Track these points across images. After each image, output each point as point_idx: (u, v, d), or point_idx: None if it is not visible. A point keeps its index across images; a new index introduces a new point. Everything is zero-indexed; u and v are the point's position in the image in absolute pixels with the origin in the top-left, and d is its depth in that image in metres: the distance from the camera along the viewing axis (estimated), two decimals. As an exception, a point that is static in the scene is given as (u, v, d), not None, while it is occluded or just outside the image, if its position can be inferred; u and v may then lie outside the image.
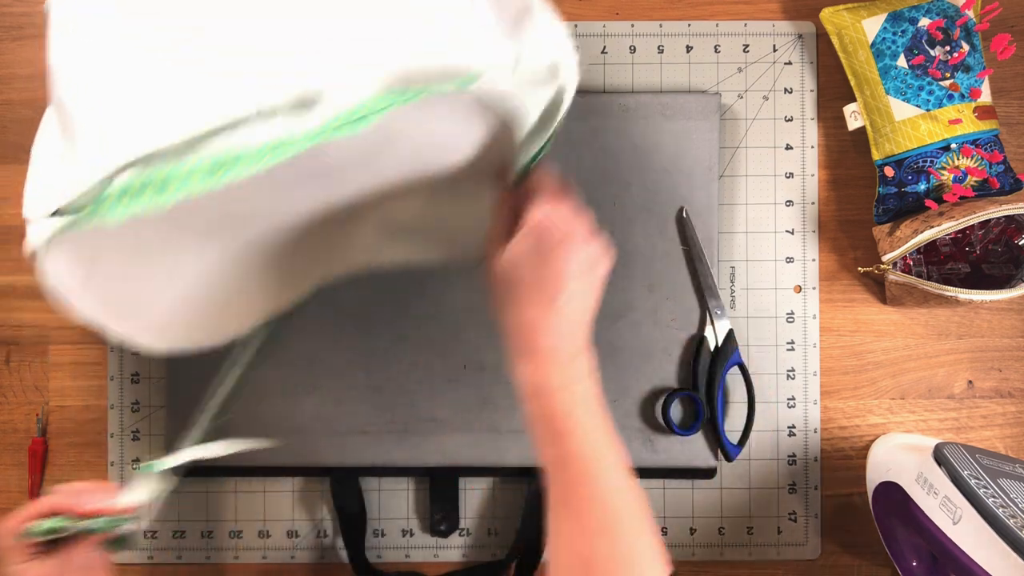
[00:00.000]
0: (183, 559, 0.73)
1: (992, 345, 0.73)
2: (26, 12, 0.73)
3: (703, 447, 0.71)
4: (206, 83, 0.40)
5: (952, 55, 0.67)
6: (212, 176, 0.41)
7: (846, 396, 0.73)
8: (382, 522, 0.73)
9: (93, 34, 0.42)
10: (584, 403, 0.48)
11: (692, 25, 0.73)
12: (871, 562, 0.73)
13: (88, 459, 0.73)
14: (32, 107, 0.73)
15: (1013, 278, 0.68)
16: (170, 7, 0.41)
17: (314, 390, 0.69)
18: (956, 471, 0.58)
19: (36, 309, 0.73)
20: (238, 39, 0.41)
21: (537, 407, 0.49)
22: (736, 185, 0.73)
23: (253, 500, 0.73)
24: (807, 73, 0.74)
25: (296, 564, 0.73)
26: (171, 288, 0.56)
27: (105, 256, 0.48)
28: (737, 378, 0.72)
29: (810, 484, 0.73)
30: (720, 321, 0.70)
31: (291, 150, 0.40)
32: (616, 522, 0.46)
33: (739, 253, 0.73)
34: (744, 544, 0.73)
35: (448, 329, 0.70)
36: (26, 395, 0.73)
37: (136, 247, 0.51)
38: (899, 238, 0.67)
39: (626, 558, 0.46)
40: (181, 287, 0.57)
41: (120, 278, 0.51)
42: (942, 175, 0.68)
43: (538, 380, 0.49)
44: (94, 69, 0.42)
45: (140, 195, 0.40)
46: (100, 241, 0.47)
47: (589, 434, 0.48)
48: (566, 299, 0.48)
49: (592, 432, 0.48)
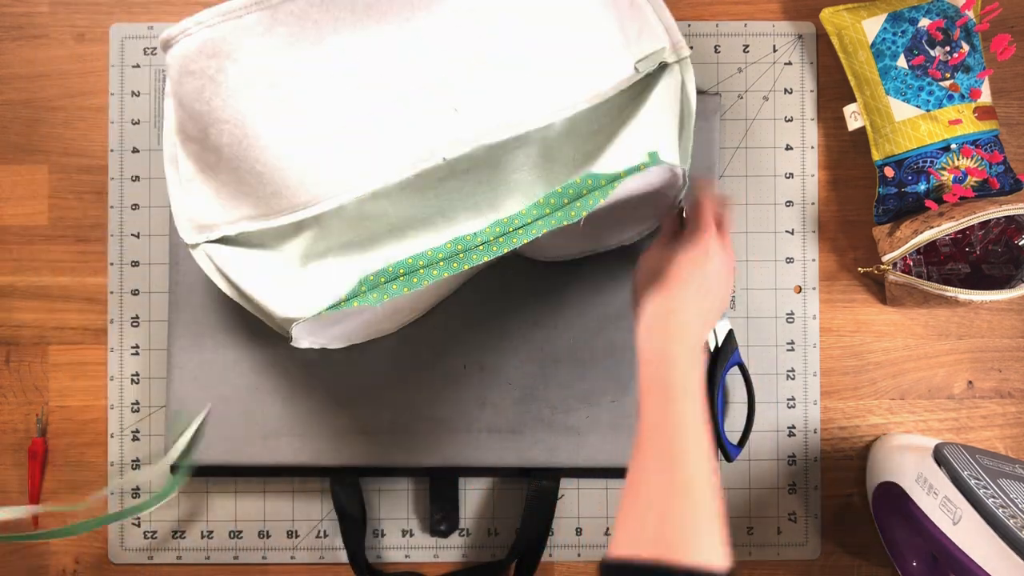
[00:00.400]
0: (183, 559, 0.73)
1: (992, 345, 0.73)
2: (26, 12, 0.73)
3: (703, 447, 0.71)
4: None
5: (952, 55, 0.67)
6: (451, 263, 0.54)
7: (846, 396, 0.73)
8: (382, 522, 0.73)
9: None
10: (694, 384, 0.53)
11: (692, 25, 0.73)
12: (871, 562, 0.73)
13: (88, 459, 0.73)
14: (32, 107, 0.73)
15: (1013, 278, 0.68)
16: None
17: (314, 391, 0.69)
18: (956, 471, 0.58)
19: (36, 309, 0.73)
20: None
21: (656, 371, 0.54)
22: (736, 185, 0.73)
23: (253, 500, 0.73)
24: (807, 73, 0.74)
25: (296, 564, 0.73)
26: (363, 318, 0.64)
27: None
28: (737, 378, 0.72)
29: (810, 484, 0.73)
30: (720, 321, 0.70)
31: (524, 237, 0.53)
32: (693, 490, 0.49)
33: (739, 253, 0.73)
34: (744, 544, 0.73)
35: (448, 329, 0.70)
36: (26, 395, 0.73)
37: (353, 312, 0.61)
38: (899, 238, 0.67)
39: (691, 528, 0.48)
40: (367, 315, 0.63)
41: (334, 323, 0.61)
42: (942, 175, 0.68)
43: (668, 348, 0.54)
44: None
45: (391, 284, 0.54)
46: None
47: (689, 411, 0.52)
48: (712, 299, 0.57)
49: (692, 413, 0.52)
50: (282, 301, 0.58)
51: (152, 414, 0.73)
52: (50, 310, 0.73)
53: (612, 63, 0.59)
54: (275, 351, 0.69)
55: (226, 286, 0.61)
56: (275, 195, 0.57)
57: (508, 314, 0.70)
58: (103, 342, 0.73)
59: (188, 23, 0.54)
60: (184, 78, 0.56)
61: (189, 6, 0.73)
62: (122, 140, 0.73)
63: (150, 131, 0.73)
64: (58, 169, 0.73)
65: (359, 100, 0.56)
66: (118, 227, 0.73)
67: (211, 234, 0.60)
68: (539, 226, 0.54)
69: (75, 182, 0.73)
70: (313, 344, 0.63)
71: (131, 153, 0.73)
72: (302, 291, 0.58)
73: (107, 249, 0.73)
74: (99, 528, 0.72)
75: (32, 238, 0.73)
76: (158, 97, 0.73)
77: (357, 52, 0.56)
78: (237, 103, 0.55)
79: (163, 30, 0.54)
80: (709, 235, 0.57)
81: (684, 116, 0.62)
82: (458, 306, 0.70)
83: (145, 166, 0.73)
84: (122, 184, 0.73)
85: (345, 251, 0.60)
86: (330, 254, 0.60)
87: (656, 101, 0.60)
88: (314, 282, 0.58)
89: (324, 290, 0.56)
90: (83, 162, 0.73)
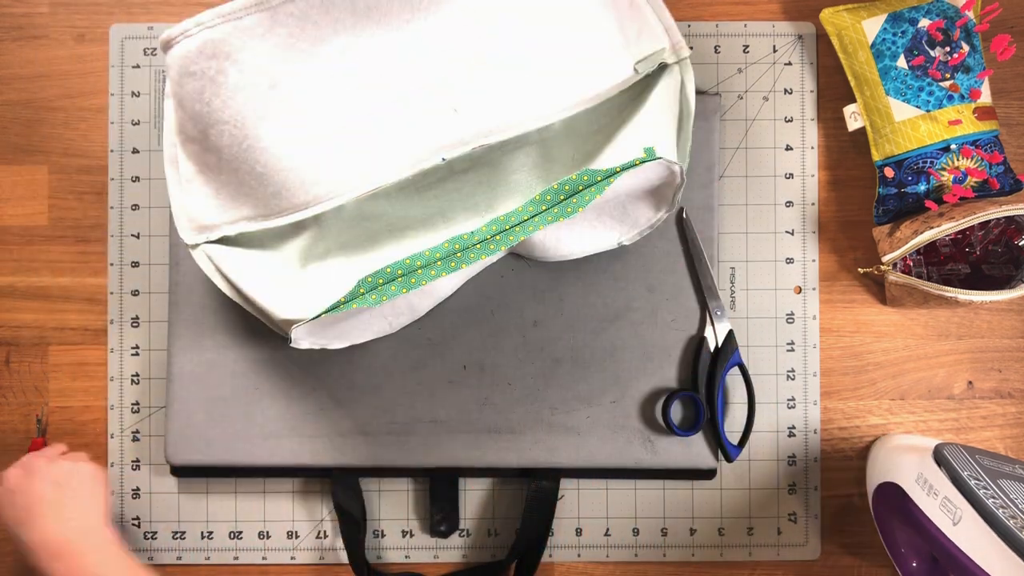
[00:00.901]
0: (183, 559, 0.73)
1: (992, 346, 0.73)
2: (26, 12, 0.73)
3: (703, 448, 0.71)
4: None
5: (952, 56, 0.67)
6: (449, 262, 0.54)
7: (846, 397, 0.73)
8: (382, 523, 0.73)
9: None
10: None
11: (692, 25, 0.73)
12: (871, 562, 0.73)
13: (88, 459, 0.73)
14: (32, 107, 0.73)
15: (1013, 278, 0.68)
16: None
17: (314, 391, 0.69)
18: (956, 472, 0.58)
19: (36, 309, 0.73)
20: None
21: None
22: (736, 186, 0.73)
23: (253, 500, 0.73)
24: (807, 74, 0.74)
25: (296, 564, 0.73)
26: (362, 318, 0.65)
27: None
28: (737, 379, 0.72)
29: (810, 485, 0.73)
30: (720, 322, 0.70)
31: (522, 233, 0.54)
32: None
33: (739, 253, 0.73)
34: (744, 544, 0.73)
35: (448, 329, 0.70)
36: (26, 396, 0.73)
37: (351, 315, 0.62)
38: (899, 239, 0.67)
39: None
40: (366, 316, 0.65)
41: (333, 324, 0.62)
42: (942, 176, 0.68)
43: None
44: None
45: (389, 285, 0.54)
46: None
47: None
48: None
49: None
50: (282, 302, 0.58)
51: (152, 414, 0.73)
52: (50, 310, 0.73)
53: (612, 64, 0.59)
54: (275, 351, 0.69)
55: (226, 286, 0.61)
56: (275, 195, 0.57)
57: (508, 314, 0.70)
58: (103, 343, 0.73)
59: (188, 24, 0.54)
60: (184, 79, 0.56)
61: (189, 6, 0.73)
62: (122, 140, 0.73)
63: (150, 131, 0.73)
64: (58, 169, 0.73)
65: (359, 100, 0.56)
66: (118, 227, 0.73)
67: (211, 235, 0.60)
68: (536, 223, 0.54)
69: (75, 182, 0.73)
70: (313, 345, 0.63)
71: (131, 153, 0.73)
72: (301, 292, 0.58)
73: (107, 249, 0.73)
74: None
75: (32, 238, 0.73)
76: (158, 98, 0.73)
77: (357, 53, 0.56)
78: (237, 104, 0.55)
79: (163, 30, 0.54)
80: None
81: (683, 116, 0.62)
82: (458, 306, 0.70)
83: (145, 166, 0.73)
84: (122, 184, 0.73)
85: (344, 252, 0.60)
86: (329, 255, 0.60)
87: (655, 101, 0.60)
88: (313, 283, 0.58)
89: (323, 291, 0.56)
90: (83, 162, 0.73)
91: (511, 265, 0.70)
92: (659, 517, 0.73)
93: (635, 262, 0.71)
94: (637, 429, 0.70)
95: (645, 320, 0.70)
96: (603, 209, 0.63)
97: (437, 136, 0.56)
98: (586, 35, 0.58)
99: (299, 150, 0.56)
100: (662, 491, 0.73)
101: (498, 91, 0.56)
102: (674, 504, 0.73)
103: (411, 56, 0.56)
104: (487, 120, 0.56)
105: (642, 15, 0.61)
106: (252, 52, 0.54)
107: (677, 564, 0.73)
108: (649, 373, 0.70)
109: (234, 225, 0.59)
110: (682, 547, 0.73)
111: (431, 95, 0.56)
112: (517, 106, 0.57)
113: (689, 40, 0.73)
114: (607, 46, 0.59)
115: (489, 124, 0.56)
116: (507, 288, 0.70)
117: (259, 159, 0.56)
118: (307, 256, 0.60)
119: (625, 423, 0.70)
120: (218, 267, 0.60)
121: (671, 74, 0.62)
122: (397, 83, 0.56)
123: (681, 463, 0.70)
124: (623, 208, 0.64)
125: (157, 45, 0.63)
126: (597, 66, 0.59)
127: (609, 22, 0.59)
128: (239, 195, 0.59)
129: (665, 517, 0.73)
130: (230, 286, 0.61)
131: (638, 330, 0.70)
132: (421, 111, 0.56)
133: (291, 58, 0.55)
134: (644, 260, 0.71)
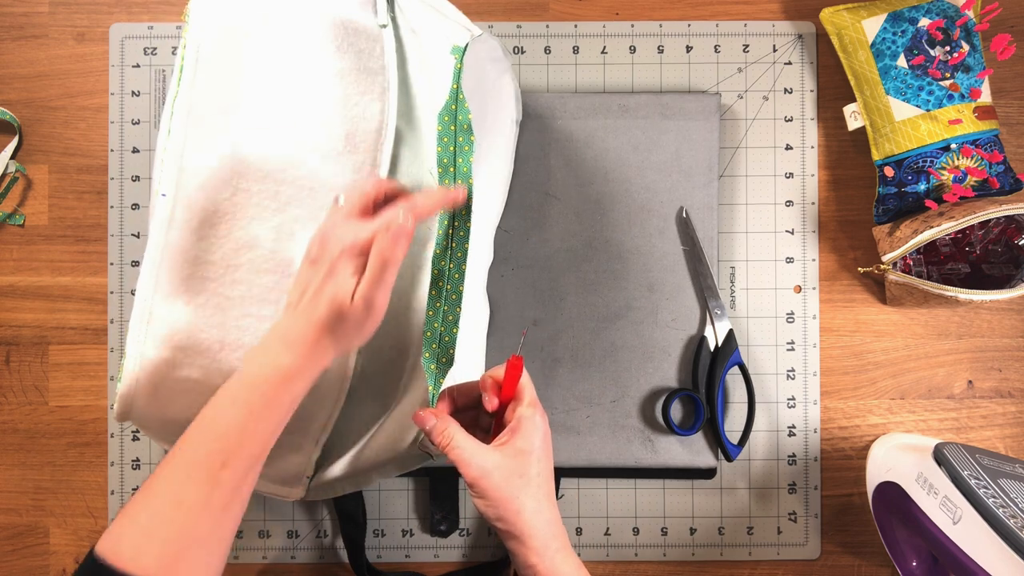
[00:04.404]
0: (183, 559, 0.73)
1: (992, 345, 0.73)
2: (26, 12, 0.73)
3: (703, 447, 0.71)
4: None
5: (952, 55, 0.67)
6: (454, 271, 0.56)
7: (846, 396, 0.73)
8: (382, 522, 0.73)
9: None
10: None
11: (692, 25, 0.73)
12: (871, 562, 0.73)
13: (88, 459, 0.73)
14: (32, 107, 0.73)
15: (1013, 278, 0.68)
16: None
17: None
18: (956, 471, 0.58)
19: (36, 309, 0.73)
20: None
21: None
22: (736, 185, 0.73)
23: (253, 500, 0.73)
24: (807, 73, 0.74)
25: (296, 564, 0.73)
26: None
27: None
28: (737, 378, 0.72)
29: (810, 484, 0.73)
30: (720, 321, 0.70)
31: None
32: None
33: (739, 253, 0.73)
34: (744, 544, 0.73)
35: (448, 329, 0.70)
36: (26, 395, 0.73)
37: None
38: (899, 238, 0.67)
39: None
40: None
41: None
42: (942, 175, 0.68)
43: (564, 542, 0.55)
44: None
45: None
46: None
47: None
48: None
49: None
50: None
51: (152, 414, 0.73)
52: (50, 310, 0.73)
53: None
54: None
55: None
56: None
57: (508, 314, 0.70)
58: (103, 342, 0.73)
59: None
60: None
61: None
62: (122, 140, 0.73)
63: (150, 131, 0.73)
64: (58, 169, 0.73)
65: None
66: (118, 227, 0.73)
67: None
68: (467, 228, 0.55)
69: (75, 182, 0.73)
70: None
71: (131, 153, 0.73)
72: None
73: (107, 249, 0.73)
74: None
75: (32, 238, 0.73)
76: (158, 97, 0.73)
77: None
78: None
79: (163, 30, 0.54)
80: (540, 415, 0.55)
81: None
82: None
83: (145, 166, 0.73)
84: (122, 184, 0.73)
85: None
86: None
87: (409, 36, 0.60)
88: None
89: None
90: (83, 162, 0.73)
91: (511, 265, 0.70)
92: (659, 516, 0.73)
93: (635, 262, 0.71)
94: (637, 428, 0.70)
95: (645, 320, 0.70)
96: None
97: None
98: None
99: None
100: (662, 490, 0.73)
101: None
102: (674, 503, 0.73)
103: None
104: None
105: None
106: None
107: (677, 563, 0.73)
108: (649, 373, 0.70)
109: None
110: (682, 546, 0.73)
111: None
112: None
113: (689, 40, 0.73)
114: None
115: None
116: (507, 288, 0.70)
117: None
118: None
119: (625, 422, 0.70)
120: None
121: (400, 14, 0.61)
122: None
123: (681, 462, 0.70)
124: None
125: (157, 46, 0.62)
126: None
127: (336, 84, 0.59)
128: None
129: (665, 516, 0.73)
130: None
131: (638, 330, 0.70)
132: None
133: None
134: (644, 260, 0.71)
